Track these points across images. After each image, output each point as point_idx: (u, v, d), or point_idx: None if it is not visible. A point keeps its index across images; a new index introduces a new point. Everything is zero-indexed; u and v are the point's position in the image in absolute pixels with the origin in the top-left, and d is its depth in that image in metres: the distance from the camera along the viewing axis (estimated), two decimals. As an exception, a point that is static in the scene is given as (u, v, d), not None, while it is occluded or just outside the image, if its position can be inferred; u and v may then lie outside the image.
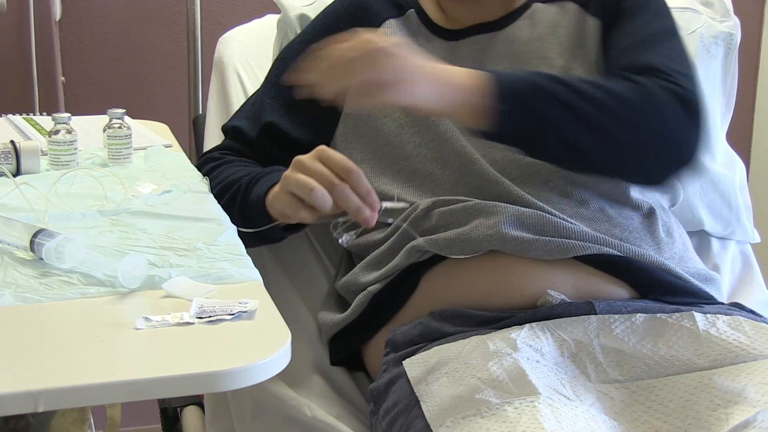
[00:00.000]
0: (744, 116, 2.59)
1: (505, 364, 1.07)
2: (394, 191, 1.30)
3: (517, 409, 1.00)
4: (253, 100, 1.47)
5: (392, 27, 1.40)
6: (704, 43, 1.61)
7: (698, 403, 1.05)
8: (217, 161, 1.41)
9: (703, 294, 1.26)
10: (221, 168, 1.39)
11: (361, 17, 1.41)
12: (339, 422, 1.27)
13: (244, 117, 1.45)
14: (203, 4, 2.03)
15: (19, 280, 0.95)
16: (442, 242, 1.23)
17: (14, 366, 0.79)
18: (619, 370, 1.12)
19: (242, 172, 1.35)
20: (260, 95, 1.45)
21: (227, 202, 1.30)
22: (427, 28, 1.41)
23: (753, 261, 1.65)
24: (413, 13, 1.42)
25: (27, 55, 1.98)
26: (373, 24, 1.40)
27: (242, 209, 1.29)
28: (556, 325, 1.15)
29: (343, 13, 1.44)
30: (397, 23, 1.41)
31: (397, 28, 1.40)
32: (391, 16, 1.42)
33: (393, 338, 1.23)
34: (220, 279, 0.98)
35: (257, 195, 1.27)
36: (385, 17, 1.41)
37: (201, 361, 0.82)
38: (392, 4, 1.43)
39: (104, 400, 0.79)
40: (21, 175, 1.31)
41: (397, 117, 1.33)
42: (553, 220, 1.22)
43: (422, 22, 1.42)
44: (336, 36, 1.09)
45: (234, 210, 1.28)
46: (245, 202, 1.29)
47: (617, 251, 1.22)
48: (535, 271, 1.21)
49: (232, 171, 1.37)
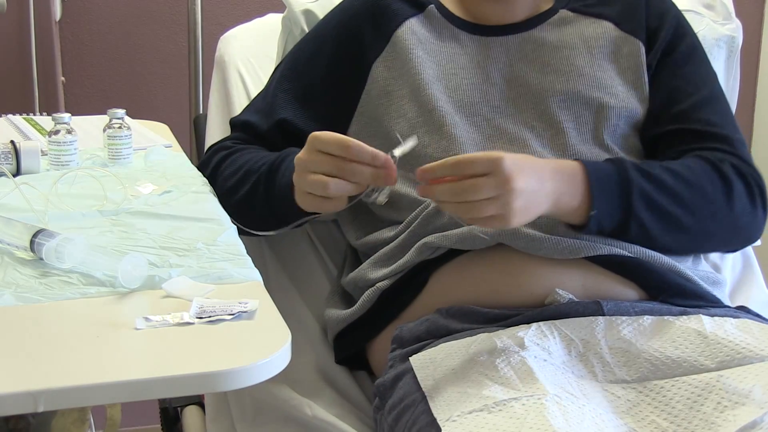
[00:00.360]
0: (744, 117, 2.59)
1: (513, 361, 1.07)
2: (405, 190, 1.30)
3: (524, 406, 1.00)
4: (263, 95, 1.46)
5: (413, 26, 1.39)
6: (706, 45, 1.61)
7: (705, 404, 1.05)
8: (230, 149, 1.40)
9: (710, 297, 1.26)
10: (235, 156, 1.38)
11: (380, 16, 1.40)
12: (340, 421, 1.27)
13: (255, 111, 1.44)
14: (203, 4, 2.03)
15: (19, 280, 0.95)
16: (453, 237, 1.23)
17: (14, 366, 0.79)
18: (626, 370, 1.12)
19: (259, 160, 1.34)
20: (272, 90, 1.44)
21: (249, 191, 1.29)
22: (451, 23, 1.41)
23: (753, 261, 1.64)
24: (434, 9, 1.41)
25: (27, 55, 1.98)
26: (393, 24, 1.39)
27: (269, 200, 1.28)
28: (563, 324, 1.15)
29: (361, 11, 1.42)
30: (418, 21, 1.40)
31: (419, 27, 1.39)
32: (411, 15, 1.40)
33: (400, 334, 1.23)
34: (220, 279, 0.98)
35: (282, 186, 1.25)
36: (404, 17, 1.39)
37: (201, 361, 0.82)
38: (411, 2, 1.41)
39: (104, 400, 0.78)
40: (21, 175, 1.31)
41: (410, 117, 1.33)
42: (564, 220, 1.22)
43: (445, 17, 1.41)
44: (468, 161, 1.08)
45: (257, 200, 1.28)
46: (271, 193, 1.28)
47: (627, 252, 1.22)
48: (545, 270, 1.21)
49: (247, 158, 1.36)
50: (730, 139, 1.33)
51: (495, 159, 1.07)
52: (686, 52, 1.39)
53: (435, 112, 1.30)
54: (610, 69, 1.36)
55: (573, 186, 1.18)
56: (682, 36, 1.40)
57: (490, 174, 1.07)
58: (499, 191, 1.07)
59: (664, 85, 1.36)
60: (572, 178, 1.18)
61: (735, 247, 1.40)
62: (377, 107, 1.36)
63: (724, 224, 1.28)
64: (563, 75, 1.34)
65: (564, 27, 1.39)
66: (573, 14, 1.40)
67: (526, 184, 1.09)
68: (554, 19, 1.40)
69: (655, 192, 1.22)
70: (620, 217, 1.21)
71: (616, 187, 1.20)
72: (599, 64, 1.36)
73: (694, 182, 1.26)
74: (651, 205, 1.22)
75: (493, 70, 1.36)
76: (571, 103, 1.32)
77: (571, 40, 1.38)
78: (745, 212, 1.29)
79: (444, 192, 1.08)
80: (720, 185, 1.27)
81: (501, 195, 1.08)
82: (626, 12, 1.39)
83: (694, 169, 1.27)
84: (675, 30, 1.39)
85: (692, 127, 1.33)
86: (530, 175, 1.11)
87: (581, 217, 1.20)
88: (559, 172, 1.17)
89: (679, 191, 1.24)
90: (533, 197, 1.11)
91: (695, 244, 1.29)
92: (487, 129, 1.32)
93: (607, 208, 1.19)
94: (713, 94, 1.38)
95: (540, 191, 1.13)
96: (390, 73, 1.37)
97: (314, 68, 1.42)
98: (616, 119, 1.32)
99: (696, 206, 1.25)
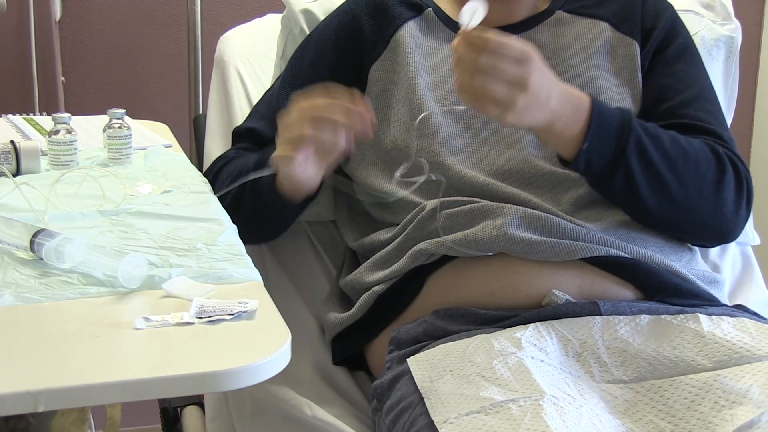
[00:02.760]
0: (744, 118, 2.59)
1: (510, 362, 1.07)
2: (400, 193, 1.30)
3: (521, 408, 1.00)
4: (267, 101, 1.46)
5: (411, 29, 1.40)
6: (706, 46, 1.62)
7: (703, 404, 1.05)
8: (232, 158, 1.41)
9: (707, 296, 1.26)
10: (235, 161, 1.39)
11: (380, 18, 1.41)
12: (339, 422, 1.27)
13: (259, 118, 1.45)
14: (203, 4, 2.03)
15: (19, 280, 0.95)
16: (448, 244, 1.23)
17: (14, 366, 0.79)
18: (623, 370, 1.12)
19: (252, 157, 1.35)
20: (276, 95, 1.44)
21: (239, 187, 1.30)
22: (448, 26, 1.41)
23: (753, 261, 1.65)
24: (431, 12, 1.42)
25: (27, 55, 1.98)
26: (391, 27, 1.39)
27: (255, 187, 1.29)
28: (560, 324, 1.15)
29: (360, 13, 1.42)
30: (416, 25, 1.40)
31: (417, 29, 1.40)
32: (409, 18, 1.41)
33: (397, 336, 1.23)
34: (220, 279, 0.98)
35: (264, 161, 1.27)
36: (403, 20, 1.40)
37: (201, 361, 0.82)
38: (409, 5, 1.42)
39: (104, 400, 0.79)
40: (21, 175, 1.31)
41: (405, 121, 1.33)
42: (560, 222, 1.22)
43: (441, 20, 1.42)
44: (504, 43, 1.10)
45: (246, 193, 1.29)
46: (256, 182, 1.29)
47: (624, 253, 1.22)
48: (541, 272, 1.21)
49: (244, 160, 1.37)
50: (719, 135, 1.32)
51: (528, 53, 1.11)
52: (678, 51, 1.39)
53: (427, 118, 1.31)
54: (606, 69, 1.36)
55: (574, 114, 1.18)
56: (675, 36, 1.40)
57: (518, 62, 1.10)
58: (514, 81, 1.10)
59: (654, 82, 1.37)
60: (576, 108, 1.18)
61: (714, 238, 1.36)
62: (376, 111, 1.36)
63: (709, 205, 1.27)
64: (559, 76, 1.34)
65: (560, 28, 1.39)
66: (569, 15, 1.40)
67: (538, 90, 1.12)
68: (550, 20, 1.40)
69: (651, 146, 1.22)
70: (610, 159, 1.20)
71: (616, 128, 1.20)
72: (595, 64, 1.36)
73: (690, 153, 1.25)
74: (643, 158, 1.21)
75: None
76: None
77: (567, 41, 1.38)
78: (731, 201, 1.28)
79: (466, 60, 1.11)
80: (714, 166, 1.27)
81: (514, 86, 1.10)
82: (622, 13, 1.39)
83: (693, 144, 1.27)
84: (668, 30, 1.39)
85: (682, 121, 1.33)
86: (544, 85, 1.13)
87: (573, 149, 1.19)
88: (568, 98, 1.18)
89: (674, 156, 1.24)
90: (535, 105, 1.13)
91: (675, 215, 1.27)
92: (484, 131, 1.32)
93: (600, 145, 1.19)
94: (702, 93, 1.38)
95: (544, 105, 1.14)
96: (388, 77, 1.37)
97: (316, 72, 1.42)
98: None
99: (686, 177, 1.24)
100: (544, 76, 1.14)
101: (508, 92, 1.10)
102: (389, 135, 1.35)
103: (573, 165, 1.21)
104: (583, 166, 1.20)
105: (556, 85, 1.16)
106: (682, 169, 1.24)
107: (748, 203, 1.31)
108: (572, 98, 1.18)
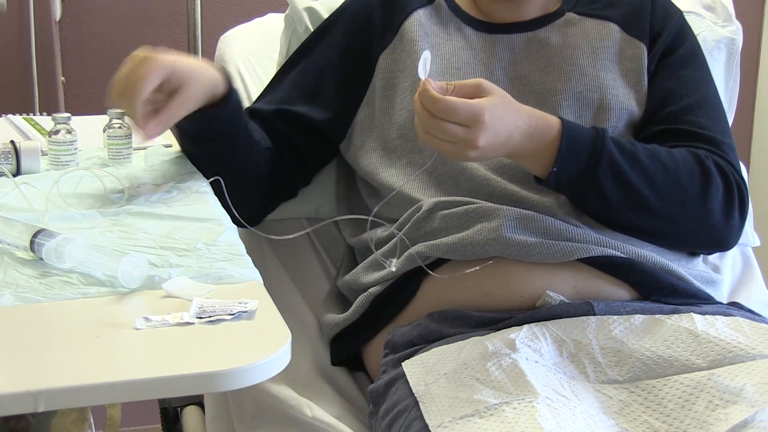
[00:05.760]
0: (744, 119, 2.59)
1: (504, 364, 1.07)
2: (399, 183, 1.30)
3: (515, 410, 1.00)
4: (273, 84, 1.47)
5: (420, 17, 1.40)
6: (707, 47, 1.62)
7: (697, 403, 1.05)
8: None
9: (702, 295, 1.26)
10: None
11: (390, 7, 1.42)
12: (339, 422, 1.27)
13: (265, 103, 1.45)
14: (203, 3, 2.03)
15: (19, 280, 0.95)
16: (444, 247, 1.23)
17: (14, 366, 0.79)
18: (618, 370, 1.12)
19: None
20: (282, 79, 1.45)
21: None
22: (458, 17, 1.42)
23: (753, 261, 1.65)
24: (443, 2, 1.43)
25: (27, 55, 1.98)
26: (401, 15, 1.40)
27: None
28: (555, 325, 1.15)
29: (371, 2, 1.44)
30: (426, 13, 1.41)
31: (426, 18, 1.40)
32: (419, 6, 1.42)
33: (392, 339, 1.23)
34: (220, 279, 0.98)
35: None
36: (413, 8, 1.41)
37: (201, 361, 0.82)
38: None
39: (104, 400, 0.79)
40: (21, 175, 1.31)
41: (411, 109, 1.33)
42: (556, 223, 1.22)
43: (452, 11, 1.42)
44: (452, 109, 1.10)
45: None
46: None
47: (620, 252, 1.22)
48: (536, 273, 1.21)
49: None
50: (719, 142, 1.32)
51: (476, 116, 1.11)
52: (684, 56, 1.39)
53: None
54: (613, 70, 1.36)
55: (539, 144, 1.19)
56: (682, 41, 1.40)
57: (466, 126, 1.11)
58: (462, 143, 1.12)
59: (659, 86, 1.37)
60: (540, 140, 1.19)
61: (707, 247, 1.37)
62: (382, 99, 1.37)
63: (694, 216, 1.27)
64: (566, 75, 1.35)
65: (569, 28, 1.40)
66: (579, 17, 1.41)
67: (491, 142, 1.13)
68: (560, 21, 1.41)
69: (626, 164, 1.22)
70: (580, 180, 1.21)
71: (587, 150, 1.20)
72: (602, 65, 1.36)
73: (671, 167, 1.25)
74: (618, 177, 1.22)
75: (497, 67, 1.37)
76: (572, 102, 1.33)
77: (576, 40, 1.38)
78: (719, 212, 1.28)
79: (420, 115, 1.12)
80: (698, 178, 1.26)
81: (462, 146, 1.12)
82: (631, 15, 1.40)
83: (676, 157, 1.27)
84: (676, 35, 1.40)
85: (681, 127, 1.33)
86: (500, 134, 1.14)
87: (544, 171, 1.21)
88: (531, 134, 1.18)
89: (652, 172, 1.23)
90: (491, 151, 1.15)
91: (658, 227, 1.27)
92: None
93: (570, 168, 1.20)
94: (706, 98, 1.38)
95: (502, 147, 1.16)
96: (396, 65, 1.38)
97: (325, 58, 1.43)
98: (616, 120, 1.32)
99: (666, 191, 1.24)
100: (500, 125, 1.14)
101: (459, 149, 1.13)
102: (395, 122, 1.35)
103: (545, 184, 1.22)
104: (553, 186, 1.22)
105: (516, 127, 1.16)
106: (661, 184, 1.24)
107: (742, 211, 1.30)
108: (536, 132, 1.18)
